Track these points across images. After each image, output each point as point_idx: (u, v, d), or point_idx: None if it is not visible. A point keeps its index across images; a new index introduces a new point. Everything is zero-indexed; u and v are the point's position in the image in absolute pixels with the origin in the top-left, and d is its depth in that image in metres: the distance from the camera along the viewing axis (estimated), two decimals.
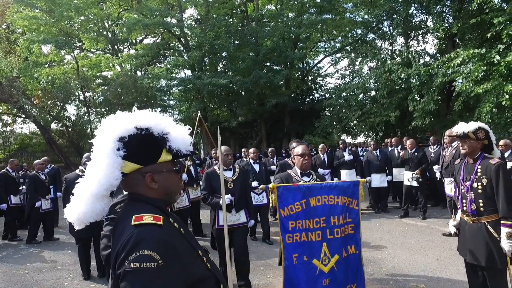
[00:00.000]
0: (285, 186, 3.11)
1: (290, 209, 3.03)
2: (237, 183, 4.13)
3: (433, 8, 12.27)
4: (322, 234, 3.08)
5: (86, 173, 1.24)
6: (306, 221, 3.05)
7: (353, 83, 15.50)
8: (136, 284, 1.04)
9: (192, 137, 5.09)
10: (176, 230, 1.23)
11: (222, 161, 3.41)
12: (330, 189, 3.13)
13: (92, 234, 4.85)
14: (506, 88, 8.99)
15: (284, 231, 3.04)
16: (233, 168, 4.24)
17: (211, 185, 4.05)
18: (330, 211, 3.12)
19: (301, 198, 3.05)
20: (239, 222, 4.06)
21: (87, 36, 18.73)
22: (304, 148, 3.41)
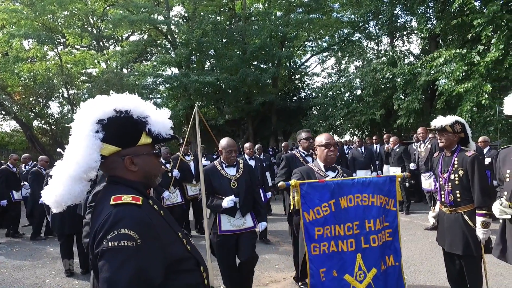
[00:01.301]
0: (310, 183, 2.50)
1: (316, 212, 2.45)
2: (242, 182, 3.44)
3: (417, 9, 12.53)
4: (355, 242, 2.51)
5: (64, 155, 1.24)
6: (336, 226, 2.48)
7: (340, 82, 15.71)
8: (114, 262, 1.04)
9: (187, 131, 4.90)
10: (156, 212, 1.24)
11: (200, 152, 3.07)
12: (363, 186, 2.56)
13: (74, 230, 4.78)
14: (485, 88, 9.28)
15: (309, 239, 2.46)
16: (236, 164, 3.55)
17: (211, 185, 3.36)
18: (365, 213, 2.55)
19: (330, 198, 2.48)
20: (245, 227, 3.39)
21: (71, 31, 18.33)
22: (329, 137, 2.85)
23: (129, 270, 1.05)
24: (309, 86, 22.21)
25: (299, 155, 4.01)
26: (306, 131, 4.17)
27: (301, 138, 4.07)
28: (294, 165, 3.78)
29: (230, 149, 3.44)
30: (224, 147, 3.45)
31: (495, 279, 3.90)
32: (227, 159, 3.45)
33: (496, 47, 9.17)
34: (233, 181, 3.42)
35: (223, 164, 3.47)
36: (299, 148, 4.11)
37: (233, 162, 3.49)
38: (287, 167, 3.89)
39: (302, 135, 4.09)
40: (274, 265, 4.82)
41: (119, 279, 1.04)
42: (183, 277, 1.22)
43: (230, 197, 3.26)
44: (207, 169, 3.47)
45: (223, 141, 3.50)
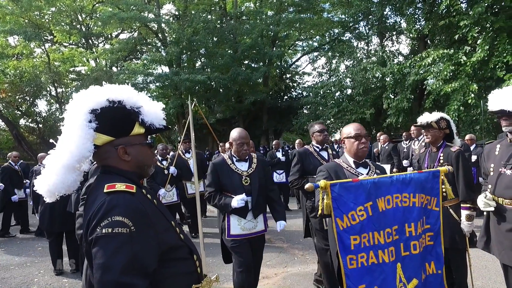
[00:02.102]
0: (342, 183, 2.09)
1: (351, 218, 2.07)
2: (255, 179, 3.03)
3: (406, 10, 12.72)
4: (395, 251, 2.17)
5: (57, 145, 1.24)
6: (375, 233, 2.12)
7: (330, 81, 15.85)
8: (108, 249, 1.06)
9: (185, 127, 4.59)
10: (149, 200, 1.26)
11: (194, 147, 2.96)
12: (403, 184, 2.21)
13: (64, 228, 4.73)
14: (471, 88, 9.50)
15: (344, 250, 2.07)
16: (249, 159, 3.14)
17: (219, 181, 3.01)
18: (405, 216, 2.21)
19: (366, 200, 2.10)
20: (256, 231, 3.01)
21: (59, 28, 18.05)
22: (359, 126, 2.45)
23: (123, 256, 1.06)
24: (300, 85, 22.34)
25: (313, 149, 3.64)
26: (319, 123, 3.80)
27: (314, 131, 3.68)
28: (308, 161, 3.52)
29: (242, 141, 3.01)
30: (235, 139, 3.03)
31: (479, 271, 4.02)
32: (238, 153, 3.04)
33: (482, 48, 9.39)
34: (245, 177, 3.02)
35: (233, 158, 3.08)
36: (312, 142, 3.74)
37: (245, 156, 3.07)
38: (300, 163, 3.56)
39: (316, 127, 3.69)
40: (265, 262, 4.85)
41: (113, 265, 1.05)
42: (176, 265, 1.24)
43: (241, 196, 2.87)
44: (215, 163, 3.10)
45: (233, 132, 3.10)
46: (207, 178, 3.14)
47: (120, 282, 1.04)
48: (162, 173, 6.03)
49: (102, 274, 1.05)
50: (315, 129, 3.70)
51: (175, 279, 1.23)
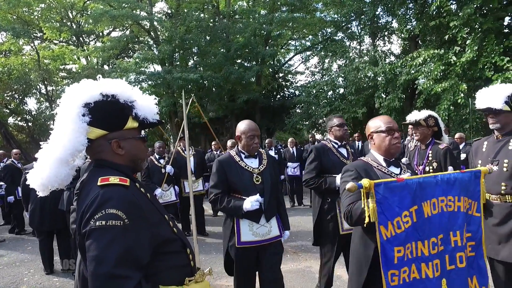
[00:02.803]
0: (386, 183, 1.76)
1: (396, 225, 1.75)
2: (267, 177, 2.71)
3: (397, 10, 12.85)
4: (440, 264, 1.86)
5: (50, 138, 1.24)
6: (419, 244, 1.81)
7: (323, 81, 15.93)
8: (101, 241, 1.06)
9: (184, 122, 4.44)
10: (143, 194, 1.26)
11: (188, 145, 2.77)
12: (448, 186, 1.90)
13: (55, 227, 4.68)
14: (461, 87, 9.65)
15: (387, 265, 1.75)
16: (258, 155, 2.80)
17: (226, 181, 2.66)
18: (450, 223, 1.90)
19: (411, 204, 1.78)
20: (270, 237, 2.66)
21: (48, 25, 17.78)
22: (389, 120, 2.18)
23: (117, 249, 1.06)
24: (292, 84, 22.40)
25: (331, 145, 3.31)
26: (338, 116, 3.47)
27: (332, 125, 3.36)
28: (326, 157, 3.23)
29: (253, 133, 2.67)
30: (244, 131, 2.69)
31: None
32: (248, 147, 2.69)
33: (471, 48, 9.55)
34: (256, 175, 2.68)
35: (241, 154, 2.74)
36: (329, 137, 3.44)
37: (255, 150, 2.74)
38: (317, 160, 3.23)
39: (334, 121, 3.36)
40: None
41: (106, 257, 1.05)
42: (170, 258, 1.25)
43: (255, 197, 2.52)
44: (222, 160, 2.73)
45: (241, 124, 2.76)
46: (212, 179, 2.73)
47: (113, 274, 1.04)
48: (159, 172, 5.84)
49: (95, 267, 1.05)
50: (334, 123, 3.35)
51: (168, 272, 1.23)
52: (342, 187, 2.00)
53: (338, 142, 3.35)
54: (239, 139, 2.74)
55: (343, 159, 3.23)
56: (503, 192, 2.51)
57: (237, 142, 2.81)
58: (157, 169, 5.88)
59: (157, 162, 5.95)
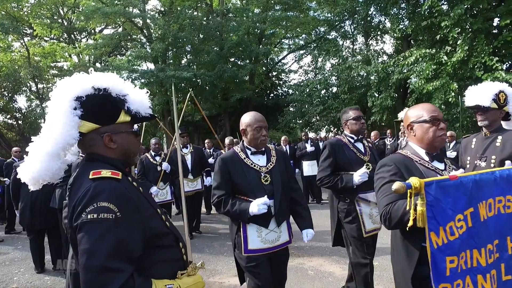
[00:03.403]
0: (438, 182, 1.48)
1: (449, 232, 1.49)
2: (277, 176, 2.38)
3: (390, 10, 12.96)
4: (496, 274, 1.62)
5: (41, 132, 1.23)
6: (474, 252, 1.55)
7: (316, 80, 16.02)
8: (93, 234, 1.06)
9: (181, 119, 4.29)
10: (135, 188, 1.26)
11: (179, 141, 2.24)
12: (508, 184, 1.65)
13: (46, 225, 4.62)
14: (452, 87, 9.78)
15: (438, 278, 1.48)
16: (266, 151, 2.48)
17: (230, 181, 2.34)
18: (507, 226, 1.66)
19: (466, 206, 1.53)
20: (280, 243, 2.39)
21: (39, 22, 17.50)
22: (434, 108, 1.90)
23: (109, 241, 1.06)
24: (286, 83, 22.48)
25: (347, 140, 3.05)
26: (355, 108, 3.17)
27: (348, 118, 3.08)
28: (341, 153, 2.98)
29: (259, 124, 2.36)
30: (250, 123, 2.37)
31: None
32: (255, 141, 2.37)
33: (461, 48, 9.69)
34: (264, 174, 2.36)
35: (247, 150, 2.42)
36: (344, 132, 3.17)
37: (263, 145, 2.42)
38: (332, 157, 2.97)
39: (350, 114, 3.08)
40: None
41: (98, 250, 1.05)
42: (162, 252, 1.25)
43: (262, 199, 2.23)
44: (225, 158, 2.42)
45: (246, 116, 2.43)
46: (214, 179, 2.43)
47: (105, 267, 1.04)
48: (154, 170, 5.64)
49: (87, 259, 1.05)
50: (349, 116, 3.07)
51: (161, 265, 1.23)
52: (379, 183, 1.74)
53: (354, 136, 3.07)
54: (244, 133, 2.41)
55: (360, 155, 2.99)
56: None
57: (241, 137, 2.48)
58: (152, 166, 5.71)
59: (153, 160, 5.76)
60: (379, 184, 1.76)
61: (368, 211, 2.93)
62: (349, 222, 2.91)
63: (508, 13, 9.34)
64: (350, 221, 2.91)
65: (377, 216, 2.83)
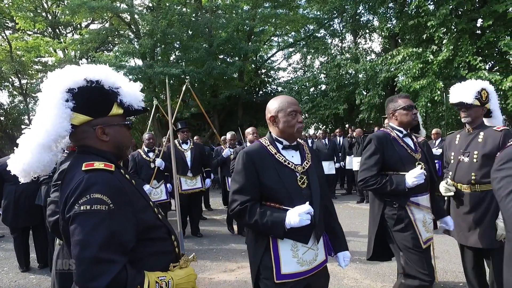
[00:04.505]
0: None
1: None
2: (314, 178, 1.88)
3: (378, 9, 13.12)
4: None
5: (32, 124, 1.22)
6: None
7: (305, 77, 16.13)
8: (86, 225, 1.06)
9: (177, 107, 4.18)
10: (127, 180, 1.26)
11: (172, 136, 2.02)
12: None
13: (30, 223, 4.54)
14: (437, 85, 10.00)
15: None
16: (299, 146, 1.96)
17: (258, 182, 1.80)
18: None
19: None
20: (317, 263, 1.86)
21: (21, 15, 17.01)
22: None
23: (102, 233, 1.06)
24: (275, 80, 22.52)
25: (395, 134, 2.59)
26: (404, 96, 2.67)
27: (396, 107, 2.59)
28: (391, 150, 2.51)
29: (294, 108, 1.85)
30: (282, 107, 1.85)
31: (442, 256, 4.30)
32: (290, 129, 1.84)
33: (447, 48, 9.91)
34: (301, 175, 1.84)
35: (277, 144, 1.89)
36: (390, 124, 2.70)
37: (300, 135, 1.92)
38: (379, 153, 2.50)
39: (399, 102, 2.60)
40: (241, 252, 4.92)
41: (91, 241, 1.05)
42: (155, 244, 1.25)
43: (304, 207, 1.71)
44: (250, 151, 1.84)
45: (274, 101, 1.91)
46: (235, 180, 1.84)
47: (99, 258, 1.04)
48: (147, 167, 5.29)
49: (80, 250, 1.05)
50: (399, 104, 2.59)
51: (153, 258, 1.24)
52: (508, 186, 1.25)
53: (403, 129, 2.61)
54: (274, 122, 1.88)
55: (412, 152, 2.52)
56: (473, 181, 2.66)
57: (270, 126, 1.93)
58: (145, 163, 5.36)
59: (146, 156, 5.40)
60: (507, 187, 1.26)
61: (421, 217, 2.44)
62: (401, 230, 2.41)
63: (490, 14, 9.59)
64: (403, 229, 2.40)
65: (431, 223, 2.50)
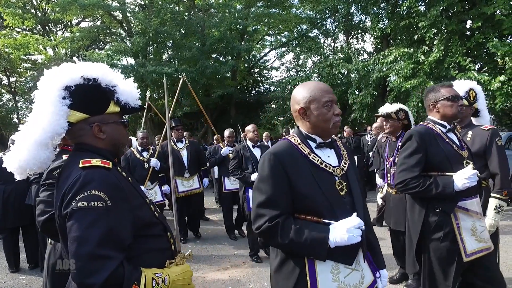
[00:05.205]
0: None
1: None
2: (354, 184, 1.57)
3: (370, 9, 13.24)
4: None
5: (28, 121, 1.22)
6: None
7: (297, 77, 16.17)
8: (84, 222, 1.06)
9: (172, 109, 3.97)
10: (124, 178, 1.26)
11: (169, 131, 1.91)
12: None
13: (20, 223, 4.48)
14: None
15: None
16: (333, 143, 1.61)
17: (290, 191, 1.45)
18: None
19: None
20: (365, 286, 1.51)
21: (9, 11, 16.72)
22: None
23: (99, 229, 1.06)
24: (268, 80, 22.58)
25: (438, 129, 2.24)
26: (448, 85, 2.32)
27: (440, 97, 2.26)
28: (435, 147, 2.18)
29: (330, 98, 1.51)
30: (315, 96, 1.50)
31: None
32: (325, 125, 1.50)
33: (438, 48, 10.06)
34: (339, 179, 1.51)
35: (309, 142, 1.55)
36: (431, 117, 2.34)
37: (333, 133, 1.59)
38: (421, 151, 2.17)
39: (443, 92, 2.27)
40: (233, 251, 4.93)
41: (89, 237, 1.05)
42: (151, 241, 1.26)
43: (353, 220, 1.40)
44: (278, 152, 1.48)
45: (304, 88, 1.55)
46: (260, 189, 1.47)
47: (96, 254, 1.05)
48: (141, 167, 5.00)
49: (77, 247, 1.05)
50: (442, 94, 2.23)
51: (150, 254, 1.25)
52: None
53: (446, 123, 2.27)
54: (304, 114, 1.53)
55: (458, 150, 2.20)
56: None
57: (299, 120, 1.58)
58: (139, 163, 5.07)
59: (139, 155, 5.12)
60: None
61: (469, 225, 2.11)
62: (439, 240, 2.09)
63: (479, 16, 9.76)
64: (441, 238, 2.08)
65: (483, 231, 2.15)
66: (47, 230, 1.68)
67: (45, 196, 1.76)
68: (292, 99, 1.61)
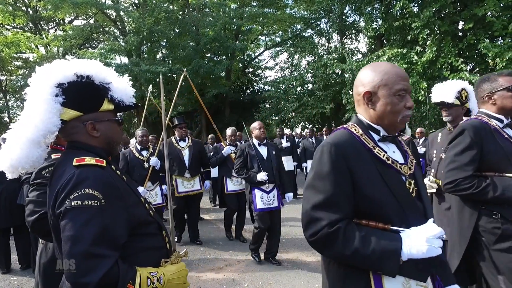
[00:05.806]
0: None
1: None
2: (422, 184, 1.34)
3: (364, 9, 13.33)
4: None
5: (19, 119, 1.20)
6: None
7: (292, 76, 16.24)
8: (78, 221, 1.05)
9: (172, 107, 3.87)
10: (118, 176, 1.26)
11: (165, 130, 1.78)
12: None
13: (11, 224, 4.41)
14: (421, 85, 10.24)
15: None
16: (396, 140, 1.37)
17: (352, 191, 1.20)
18: None
19: None
20: None
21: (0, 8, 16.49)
22: None
23: (93, 228, 1.05)
24: (262, 79, 22.60)
25: (495, 124, 1.99)
26: (507, 74, 2.04)
27: (496, 88, 2.00)
28: (493, 144, 1.92)
29: (404, 86, 1.26)
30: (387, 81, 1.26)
31: None
32: (390, 116, 1.27)
33: (430, 49, 10.17)
34: (408, 179, 1.29)
35: (372, 134, 1.32)
36: (483, 110, 2.08)
37: (400, 128, 1.37)
38: (476, 148, 1.91)
39: (500, 81, 1.99)
40: (228, 250, 4.93)
41: (83, 236, 1.04)
42: (146, 240, 1.25)
43: (433, 229, 1.17)
44: (339, 143, 1.25)
45: (373, 70, 1.32)
46: (315, 188, 1.24)
47: (90, 253, 1.04)
48: (140, 167, 4.73)
49: (71, 246, 1.04)
50: (500, 84, 1.98)
51: (145, 253, 1.24)
52: None
53: (503, 118, 2.00)
54: (369, 101, 1.30)
55: None
56: None
57: (361, 106, 1.35)
58: (138, 162, 4.78)
59: (139, 155, 4.82)
60: None
61: None
62: (506, 250, 1.81)
63: (471, 17, 9.89)
64: (508, 248, 1.81)
65: None
66: (37, 230, 1.66)
67: (35, 196, 1.73)
68: (357, 80, 1.36)
